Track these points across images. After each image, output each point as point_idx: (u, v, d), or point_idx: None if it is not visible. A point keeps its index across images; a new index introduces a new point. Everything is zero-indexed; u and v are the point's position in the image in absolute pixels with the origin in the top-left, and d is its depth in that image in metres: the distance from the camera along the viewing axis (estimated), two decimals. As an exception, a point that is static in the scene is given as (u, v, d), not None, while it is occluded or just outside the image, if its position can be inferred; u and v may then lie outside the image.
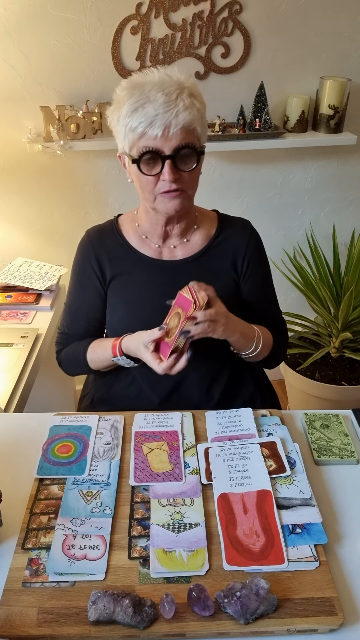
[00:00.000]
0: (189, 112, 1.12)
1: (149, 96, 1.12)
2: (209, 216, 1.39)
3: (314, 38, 2.16)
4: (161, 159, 1.14)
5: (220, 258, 1.35)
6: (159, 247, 1.34)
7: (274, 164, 2.38)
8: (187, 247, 1.34)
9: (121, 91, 1.18)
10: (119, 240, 1.35)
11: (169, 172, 1.15)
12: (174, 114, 1.11)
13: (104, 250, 1.35)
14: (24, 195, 2.22)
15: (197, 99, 1.16)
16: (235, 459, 1.08)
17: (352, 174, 2.47)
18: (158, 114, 1.10)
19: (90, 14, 1.96)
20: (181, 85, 1.14)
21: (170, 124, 1.11)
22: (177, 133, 1.12)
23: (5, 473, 1.09)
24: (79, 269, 1.38)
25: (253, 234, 1.38)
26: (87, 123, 2.04)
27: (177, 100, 1.11)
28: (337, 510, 1.03)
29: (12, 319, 1.75)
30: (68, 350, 1.42)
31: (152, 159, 1.15)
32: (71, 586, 0.87)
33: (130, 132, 1.14)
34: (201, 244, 1.34)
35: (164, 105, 1.10)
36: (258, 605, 0.81)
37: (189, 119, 1.12)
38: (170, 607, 0.82)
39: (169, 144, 1.13)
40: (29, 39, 1.95)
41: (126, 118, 1.14)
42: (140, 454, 1.12)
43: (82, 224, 2.27)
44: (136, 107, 1.12)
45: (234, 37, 2.09)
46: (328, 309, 2.32)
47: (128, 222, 1.38)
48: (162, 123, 1.11)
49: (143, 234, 1.34)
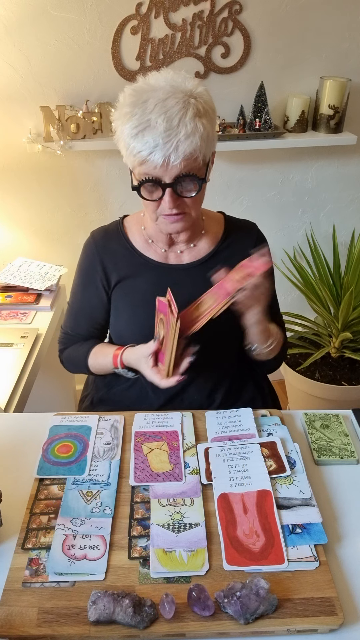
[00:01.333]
0: (191, 140, 1.08)
1: (149, 120, 1.07)
2: (216, 219, 1.38)
3: (314, 38, 2.16)
4: (161, 187, 1.13)
5: (226, 261, 1.31)
6: (165, 252, 1.33)
7: (274, 164, 2.38)
8: (194, 251, 1.34)
9: (124, 103, 1.13)
10: (124, 243, 1.34)
11: (168, 201, 1.14)
12: (174, 146, 1.07)
13: (109, 254, 1.34)
14: (24, 195, 2.22)
15: (203, 116, 1.10)
16: (235, 459, 1.09)
17: (352, 174, 2.47)
18: (158, 145, 1.07)
19: (90, 14, 1.96)
20: (186, 101, 1.08)
21: (170, 155, 1.08)
22: (177, 164, 1.09)
23: (5, 473, 1.09)
24: (83, 271, 1.37)
25: (259, 237, 1.38)
26: (87, 123, 2.04)
27: (178, 127, 1.07)
28: (337, 510, 1.03)
29: (12, 319, 1.75)
30: (70, 351, 1.42)
31: (153, 186, 1.14)
32: (71, 586, 0.87)
33: (132, 156, 1.12)
34: (208, 248, 1.34)
35: (164, 135, 1.06)
36: (258, 605, 0.81)
37: (190, 149, 1.08)
38: (170, 607, 0.82)
39: (169, 173, 1.11)
40: (29, 39, 1.95)
41: (128, 139, 1.11)
42: (140, 454, 1.12)
43: (82, 224, 2.29)
44: (136, 132, 1.09)
45: (234, 37, 2.09)
46: (328, 309, 2.32)
47: (134, 223, 1.36)
48: (162, 154, 1.07)
49: (149, 237, 1.33)
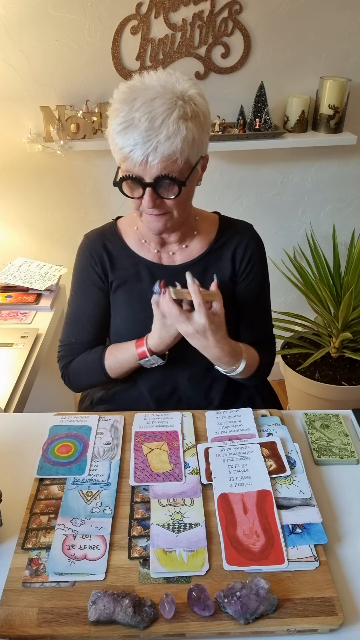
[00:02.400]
0: (171, 142, 1.07)
1: (133, 118, 1.07)
2: (210, 219, 1.36)
3: (314, 38, 2.16)
4: (142, 186, 1.12)
5: (219, 263, 1.33)
6: (158, 252, 1.32)
7: (274, 164, 2.38)
8: (185, 252, 1.32)
9: (115, 99, 1.13)
10: (119, 243, 1.33)
11: (148, 200, 1.13)
12: (153, 146, 1.07)
13: (105, 254, 1.33)
14: (24, 195, 2.22)
15: (189, 119, 1.09)
16: (235, 459, 1.09)
17: (352, 174, 2.47)
18: (137, 144, 1.07)
19: (90, 14, 1.96)
20: (173, 103, 1.07)
21: (148, 155, 1.08)
22: (156, 164, 1.09)
23: (5, 473, 1.09)
24: (81, 274, 1.35)
25: (254, 238, 1.35)
26: (87, 123, 2.04)
27: (160, 127, 1.06)
28: (337, 510, 1.03)
29: (12, 319, 1.75)
30: (78, 362, 1.37)
31: (133, 184, 1.14)
32: (71, 586, 0.87)
33: (117, 151, 1.13)
34: (200, 249, 1.32)
35: (144, 135, 1.06)
36: (258, 605, 0.81)
37: (169, 151, 1.07)
38: (170, 607, 0.82)
39: (149, 172, 1.10)
40: (29, 39, 1.95)
41: (114, 134, 1.12)
42: (140, 454, 1.12)
43: (82, 224, 2.29)
44: (120, 129, 1.09)
45: (234, 37, 2.09)
46: (328, 309, 2.32)
47: (128, 224, 1.36)
48: (141, 153, 1.08)
49: (142, 237, 1.33)
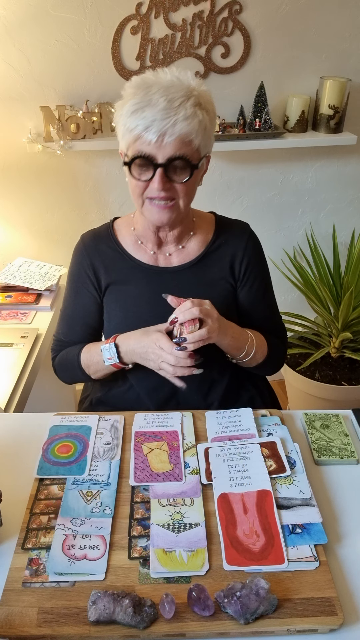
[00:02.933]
0: (188, 122, 1.09)
1: (151, 99, 1.09)
2: (207, 220, 1.36)
3: (314, 38, 2.16)
4: (153, 166, 1.12)
5: (217, 264, 1.32)
6: (155, 254, 1.32)
7: (274, 164, 2.38)
8: (182, 253, 1.32)
9: (128, 88, 1.15)
10: (114, 246, 1.33)
11: (158, 181, 1.13)
12: (172, 123, 1.08)
13: (99, 257, 1.32)
14: (24, 195, 2.22)
15: (203, 109, 1.13)
16: (235, 459, 1.09)
17: (352, 174, 2.47)
18: (155, 120, 1.08)
19: (90, 14, 1.96)
20: (189, 93, 1.11)
21: (165, 131, 1.08)
22: (171, 142, 1.09)
23: (5, 473, 1.09)
24: (74, 276, 1.36)
25: (251, 237, 1.35)
26: (87, 123, 2.04)
27: (178, 108, 1.08)
28: (337, 510, 1.03)
29: (12, 319, 1.75)
30: (62, 355, 1.40)
31: (144, 165, 1.13)
32: (71, 586, 0.87)
33: (128, 133, 1.12)
34: (197, 250, 1.32)
35: (163, 112, 1.07)
36: (258, 605, 0.81)
37: (187, 130, 1.09)
38: (170, 607, 0.82)
39: (163, 152, 1.10)
40: (29, 39, 1.95)
41: (126, 117, 1.12)
42: (140, 454, 1.12)
43: (82, 224, 2.28)
44: (136, 108, 1.10)
45: (234, 37, 2.09)
46: (328, 309, 2.32)
47: (124, 225, 1.35)
48: (157, 130, 1.08)
49: (139, 238, 1.32)
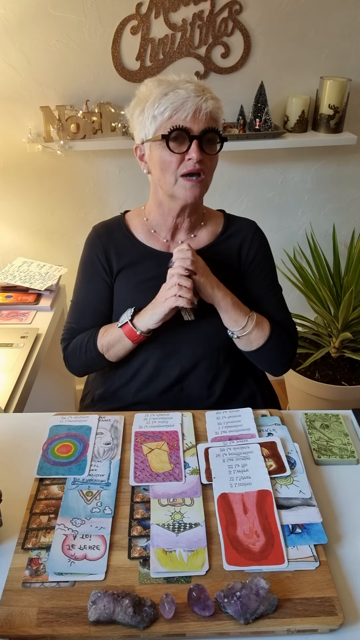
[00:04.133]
0: (215, 102, 1.22)
1: (178, 85, 1.21)
2: (216, 215, 1.44)
3: (314, 38, 2.16)
4: (189, 139, 1.20)
5: (225, 252, 1.38)
6: (167, 242, 1.37)
7: (274, 164, 2.38)
8: (194, 242, 1.37)
9: (147, 84, 1.25)
10: (127, 234, 1.38)
11: (195, 151, 1.20)
12: (204, 99, 1.19)
13: (112, 244, 1.37)
14: (24, 195, 2.22)
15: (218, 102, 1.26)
16: (235, 459, 1.09)
17: (352, 174, 2.47)
18: (190, 96, 1.19)
19: (90, 14, 1.96)
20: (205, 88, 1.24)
21: (200, 107, 1.19)
22: (205, 116, 1.20)
23: (5, 473, 1.09)
24: (86, 263, 1.40)
25: (258, 232, 1.42)
26: (87, 123, 2.04)
27: (204, 92, 1.22)
28: (337, 510, 1.03)
29: (12, 319, 1.75)
30: (75, 341, 1.40)
31: (180, 137, 1.21)
32: (71, 586, 0.87)
33: (160, 115, 1.20)
34: (208, 240, 1.38)
35: (195, 91, 1.19)
36: (258, 605, 0.81)
37: (215, 107, 1.22)
38: (170, 607, 0.82)
39: (198, 125, 1.20)
40: (29, 39, 1.95)
41: (155, 102, 1.21)
42: (140, 454, 1.12)
43: (82, 224, 2.29)
44: (167, 91, 1.20)
45: (234, 37, 2.09)
46: (328, 309, 2.32)
47: (135, 217, 1.41)
48: (193, 104, 1.18)
49: (152, 228, 1.37)
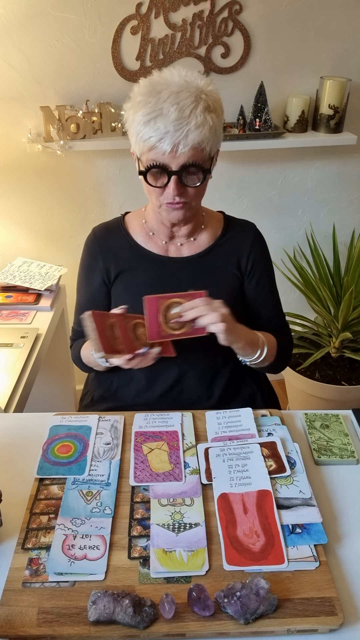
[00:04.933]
0: (200, 131, 1.12)
1: (162, 108, 1.11)
2: (216, 217, 1.42)
3: (314, 38, 2.16)
4: (167, 174, 1.16)
5: (225, 256, 1.37)
6: (166, 244, 1.36)
7: (274, 164, 2.38)
8: (193, 245, 1.37)
9: (138, 92, 1.17)
10: (125, 237, 1.38)
11: (173, 188, 1.17)
12: (184, 134, 1.11)
13: (110, 247, 1.37)
14: (24, 195, 2.22)
15: (212, 112, 1.15)
16: (235, 459, 1.09)
17: (352, 174, 2.47)
18: (168, 132, 1.11)
19: (90, 14, 1.96)
20: (198, 96, 1.13)
21: (179, 142, 1.12)
22: (185, 152, 1.13)
23: (5, 473, 1.09)
24: (85, 266, 1.41)
25: (257, 235, 1.41)
26: (87, 123, 2.04)
27: (189, 117, 1.11)
28: (337, 510, 1.03)
29: (12, 319, 1.75)
30: (76, 344, 1.45)
31: (159, 173, 1.17)
32: (71, 586, 0.87)
33: (142, 142, 1.15)
34: (207, 243, 1.37)
35: (175, 123, 1.10)
36: (258, 605, 0.81)
37: (199, 139, 1.12)
38: (170, 607, 0.82)
39: (177, 161, 1.14)
40: (29, 39, 1.95)
41: (139, 126, 1.14)
42: (140, 454, 1.12)
43: (82, 224, 2.29)
44: (148, 119, 1.12)
45: (234, 37, 2.09)
46: (328, 309, 2.32)
47: (135, 218, 1.40)
48: (171, 141, 1.11)
49: (150, 230, 1.37)
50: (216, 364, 1.38)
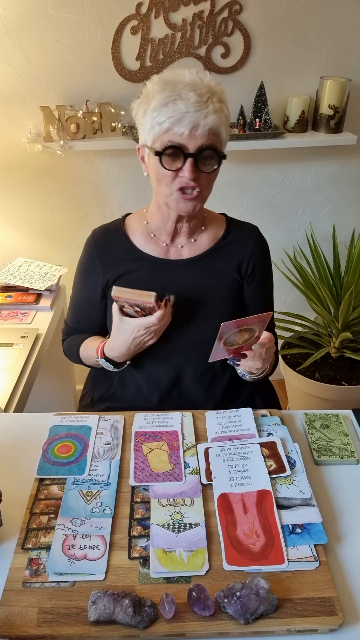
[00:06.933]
0: (218, 115, 1.14)
1: (180, 93, 1.13)
2: (217, 219, 1.41)
3: (314, 38, 2.16)
4: (184, 156, 1.15)
5: (225, 259, 1.36)
6: (167, 246, 1.35)
7: (274, 164, 2.38)
8: (194, 246, 1.35)
9: (152, 85, 1.18)
10: (124, 241, 1.36)
11: (189, 170, 1.16)
12: (204, 115, 1.12)
13: (108, 252, 1.36)
14: (24, 195, 2.22)
15: (225, 106, 1.18)
16: (235, 459, 1.09)
17: (352, 174, 2.47)
18: (189, 112, 1.12)
19: (90, 14, 1.96)
20: (212, 90, 1.16)
21: (199, 123, 1.12)
22: (203, 133, 1.14)
23: (5, 473, 1.09)
24: (82, 268, 1.40)
25: (260, 239, 1.39)
26: (87, 123, 2.04)
27: (207, 102, 1.13)
28: (337, 510, 1.03)
29: (12, 319, 1.75)
30: (68, 342, 1.46)
31: (174, 155, 1.16)
32: (71, 586, 0.87)
33: (157, 125, 1.15)
34: (208, 244, 1.36)
35: (195, 105, 1.12)
36: (258, 605, 0.81)
37: (217, 122, 1.14)
38: (170, 607, 0.82)
39: (194, 142, 1.14)
40: (29, 39, 1.95)
41: (155, 111, 1.15)
42: (140, 454, 1.12)
43: (82, 224, 2.29)
44: (167, 101, 1.13)
45: (234, 37, 2.09)
46: (328, 309, 2.32)
47: (136, 220, 1.39)
48: (191, 121, 1.12)
49: (152, 231, 1.35)
50: (214, 367, 1.36)
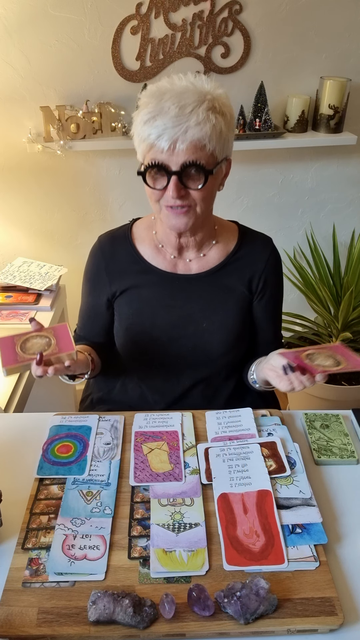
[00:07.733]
0: (200, 128, 1.07)
1: (162, 107, 1.08)
2: (229, 229, 1.34)
3: (314, 38, 2.16)
4: (167, 174, 1.11)
5: (236, 274, 1.31)
6: (175, 259, 1.30)
7: (274, 164, 2.38)
8: (202, 261, 1.30)
9: (143, 97, 1.14)
10: (131, 251, 1.31)
11: (172, 189, 1.11)
12: (183, 130, 1.07)
13: (115, 262, 1.31)
14: (24, 195, 2.22)
15: (218, 113, 1.10)
16: (235, 459, 1.09)
17: (352, 174, 2.47)
18: (167, 128, 1.07)
19: (90, 14, 1.96)
20: (202, 97, 1.09)
21: (177, 139, 1.07)
22: (183, 149, 1.08)
23: (5, 473, 1.09)
24: (88, 277, 1.36)
25: (273, 253, 1.34)
26: (87, 123, 2.04)
27: (190, 114, 1.07)
28: (337, 510, 1.03)
29: (12, 319, 1.75)
30: None
31: (158, 173, 1.13)
32: (71, 586, 0.87)
33: (142, 142, 1.12)
34: (218, 259, 1.30)
35: (174, 119, 1.06)
36: (258, 605, 0.81)
37: (199, 135, 1.08)
38: (170, 607, 0.82)
39: (176, 159, 1.09)
40: (29, 39, 1.95)
41: (139, 126, 1.12)
42: (140, 454, 1.12)
43: (82, 224, 2.29)
44: (148, 118, 1.09)
45: (234, 37, 2.09)
46: (328, 309, 2.32)
47: (144, 228, 1.33)
48: (169, 137, 1.07)
49: (159, 242, 1.30)
50: (218, 379, 1.36)
